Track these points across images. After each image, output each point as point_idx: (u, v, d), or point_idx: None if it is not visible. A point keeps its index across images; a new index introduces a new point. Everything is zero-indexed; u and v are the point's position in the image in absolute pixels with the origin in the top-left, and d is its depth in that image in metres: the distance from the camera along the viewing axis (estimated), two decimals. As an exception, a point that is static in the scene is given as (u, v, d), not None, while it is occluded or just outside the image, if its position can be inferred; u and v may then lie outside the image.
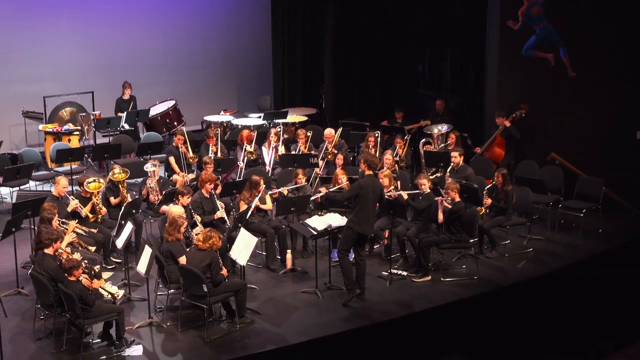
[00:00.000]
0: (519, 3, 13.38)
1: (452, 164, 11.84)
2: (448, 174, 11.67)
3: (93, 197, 10.78)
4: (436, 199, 10.37)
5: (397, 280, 10.26)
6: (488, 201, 10.90)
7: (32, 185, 13.39)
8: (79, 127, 14.73)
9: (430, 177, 11.11)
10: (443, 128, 13.82)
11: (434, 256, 10.54)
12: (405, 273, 10.41)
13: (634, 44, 12.69)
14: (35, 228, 9.94)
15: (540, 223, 12.04)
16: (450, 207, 10.23)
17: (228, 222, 10.51)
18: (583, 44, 13.07)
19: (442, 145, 13.22)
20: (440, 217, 10.29)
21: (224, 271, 9.13)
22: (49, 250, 8.76)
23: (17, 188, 12.97)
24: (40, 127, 15.03)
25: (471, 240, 10.46)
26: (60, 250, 8.87)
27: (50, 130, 14.65)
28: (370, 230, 9.80)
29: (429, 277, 10.27)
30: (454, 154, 11.93)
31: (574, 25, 13.14)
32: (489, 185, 11.15)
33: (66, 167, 13.38)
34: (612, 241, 11.59)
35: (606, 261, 11.19)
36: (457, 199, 10.29)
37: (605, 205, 11.95)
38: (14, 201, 11.37)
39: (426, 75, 17.22)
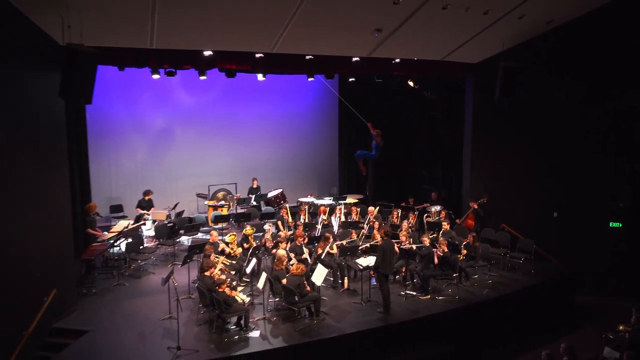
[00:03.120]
0: (485, 137, 13.49)
1: (443, 229, 11.80)
2: (440, 235, 11.62)
3: (231, 244, 10.94)
4: (433, 249, 10.41)
5: (410, 297, 10.24)
6: (464, 252, 10.88)
7: (199, 235, 13.51)
8: (228, 203, 14.86)
9: (430, 237, 11.13)
10: (437, 208, 13.87)
11: (432, 284, 10.51)
12: (414, 293, 10.40)
13: (552, 148, 12.76)
14: (200, 260, 10.13)
15: (496, 266, 11.86)
16: (442, 254, 10.29)
17: (309, 260, 10.52)
18: (518, 152, 13.16)
19: (437, 218, 13.16)
20: (436, 260, 10.31)
21: (308, 288, 9.24)
22: (207, 273, 9.01)
23: (191, 237, 13.36)
24: (206, 202, 15.23)
25: (454, 275, 10.39)
26: (214, 273, 9.11)
27: (211, 204, 14.84)
28: (390, 270, 9.85)
29: (429, 296, 10.25)
30: (444, 223, 11.94)
31: (502, 141, 13.28)
32: (465, 242, 11.11)
33: (219, 225, 13.66)
34: (539, 277, 11.42)
35: (536, 289, 11.08)
36: (446, 249, 10.35)
37: (535, 256, 11.83)
38: (189, 244, 11.53)
39: (427, 177, 17.14)
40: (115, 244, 11.45)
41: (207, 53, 10.97)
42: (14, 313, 7.82)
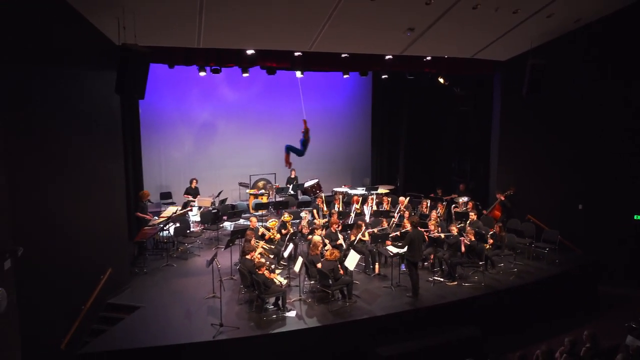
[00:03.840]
0: (512, 131, 13.26)
1: (470, 219, 11.71)
2: (468, 225, 11.54)
3: (272, 229, 11.04)
4: (460, 238, 10.30)
5: (437, 284, 10.17)
6: (491, 241, 10.71)
7: (241, 221, 13.54)
8: (267, 192, 14.91)
9: (457, 226, 11.00)
10: (465, 199, 13.72)
11: (459, 271, 10.41)
12: (442, 279, 10.33)
13: (577, 143, 12.42)
14: (242, 244, 10.22)
15: (521, 255, 11.66)
16: (469, 243, 10.19)
17: (344, 245, 10.53)
18: (545, 147, 12.86)
19: (464, 208, 13.01)
20: (463, 248, 10.20)
21: (341, 272, 9.26)
22: (248, 256, 9.08)
23: (234, 222, 13.47)
24: (247, 191, 15.33)
25: (480, 263, 10.27)
26: (254, 256, 9.16)
27: (252, 193, 14.92)
28: (419, 258, 9.78)
29: (456, 282, 10.16)
30: (471, 213, 11.82)
31: (529, 134, 12.97)
32: (491, 232, 10.94)
33: (260, 212, 13.73)
34: (563, 267, 11.17)
35: (560, 278, 10.85)
36: (473, 238, 10.28)
37: (560, 247, 11.59)
38: (232, 229, 11.59)
39: (456, 169, 16.93)
40: (165, 228, 11.68)
41: (250, 52, 11.05)
42: (75, 289, 8.09)
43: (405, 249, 9.74)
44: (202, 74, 12.17)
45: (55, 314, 7.33)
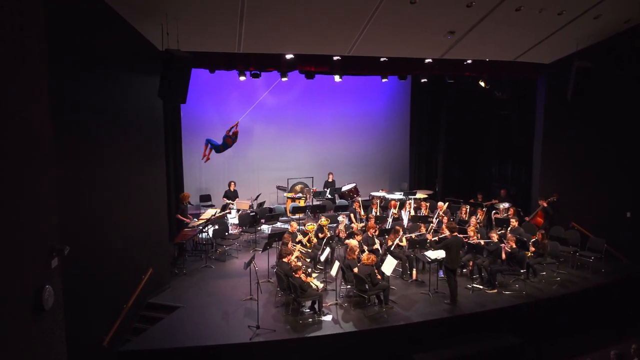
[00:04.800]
0: (556, 136, 12.93)
1: (511, 226, 11.47)
2: (509, 231, 11.30)
3: (310, 232, 11.09)
4: (501, 245, 10.10)
5: (477, 291, 10.01)
6: (532, 249, 10.44)
7: (278, 224, 13.70)
8: (305, 196, 14.97)
9: (498, 233, 10.81)
10: (506, 205, 13.42)
11: (499, 279, 10.21)
12: (481, 287, 10.16)
13: (625, 148, 11.96)
14: (279, 247, 10.21)
15: (565, 264, 11.34)
16: (509, 250, 9.98)
17: (381, 251, 10.48)
18: (590, 151, 12.45)
19: (505, 215, 12.76)
20: (503, 255, 9.99)
21: (378, 277, 9.21)
22: (285, 259, 9.15)
23: (271, 226, 13.61)
24: (285, 194, 15.35)
25: (522, 271, 10.03)
26: (291, 260, 9.21)
27: (290, 196, 14.96)
28: (457, 265, 9.62)
29: (496, 290, 9.98)
30: (512, 220, 11.58)
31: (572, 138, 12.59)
32: (533, 240, 10.64)
33: (297, 216, 13.81)
34: (610, 277, 10.81)
35: (606, 289, 10.49)
36: (514, 245, 10.05)
37: (606, 255, 11.18)
38: (269, 232, 11.81)
39: (496, 174, 16.62)
40: (204, 230, 11.86)
41: (289, 56, 11.13)
42: (118, 288, 8.30)
43: (442, 253, 9.60)
44: (242, 78, 12.33)
45: (99, 312, 7.54)
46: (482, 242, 10.40)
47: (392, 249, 10.40)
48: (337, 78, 13.16)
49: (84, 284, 6.82)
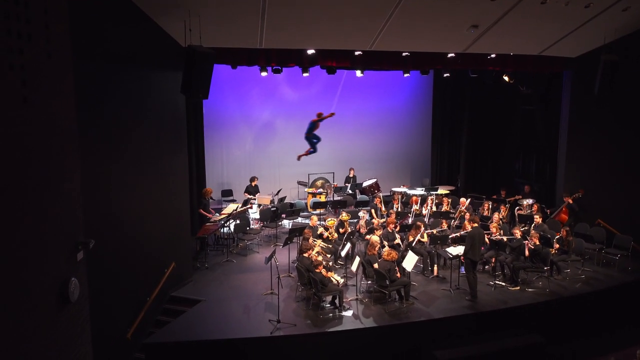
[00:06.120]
0: (582, 131, 12.69)
1: (534, 222, 11.26)
2: (532, 228, 11.10)
3: (330, 227, 11.06)
4: (524, 242, 9.98)
5: (499, 288, 9.89)
6: (556, 246, 10.30)
7: (299, 219, 13.75)
8: (326, 191, 14.99)
9: (521, 229, 10.67)
10: (529, 201, 13.23)
11: (522, 276, 10.09)
12: (503, 284, 10.04)
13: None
14: (300, 242, 10.29)
15: (590, 261, 11.12)
16: (533, 247, 9.85)
17: (402, 246, 10.43)
18: (617, 147, 12.14)
19: (529, 211, 12.56)
20: (527, 252, 9.87)
21: (398, 274, 9.17)
22: (306, 254, 9.17)
23: (292, 221, 13.66)
24: (306, 189, 15.48)
25: (545, 268, 9.90)
26: (312, 255, 9.23)
27: (311, 192, 15.05)
28: (479, 258, 9.56)
29: (518, 287, 9.85)
30: (536, 216, 11.37)
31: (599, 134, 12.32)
32: (558, 237, 10.48)
33: (318, 211, 13.67)
34: (636, 275, 10.56)
35: (633, 287, 10.27)
36: (537, 242, 9.92)
37: (633, 253, 10.96)
38: (290, 227, 11.82)
39: (519, 170, 16.41)
40: (226, 225, 11.96)
41: (310, 52, 11.12)
42: (141, 281, 8.44)
43: (465, 248, 9.56)
44: (264, 74, 12.37)
45: (122, 305, 7.68)
46: (504, 238, 10.28)
47: (413, 244, 10.35)
48: (358, 73, 13.10)
49: (108, 278, 6.94)
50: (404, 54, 11.64)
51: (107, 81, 7.02)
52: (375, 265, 9.13)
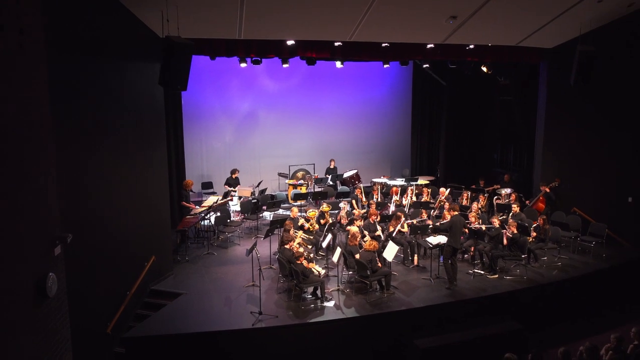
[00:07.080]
0: (558, 122, 12.84)
1: (512, 211, 11.43)
2: (510, 217, 11.28)
3: (311, 219, 11.04)
4: (502, 230, 10.11)
5: (478, 276, 10.03)
6: (534, 234, 10.46)
7: (280, 211, 13.71)
8: (306, 182, 14.97)
9: (499, 218, 10.81)
10: (507, 190, 13.41)
11: (500, 264, 10.23)
12: (482, 272, 10.18)
13: (627, 133, 11.90)
14: (281, 233, 10.23)
15: (566, 249, 11.34)
16: (511, 236, 9.99)
17: (382, 236, 10.48)
18: (591, 137, 12.41)
19: (507, 200, 12.73)
20: (505, 241, 10.02)
21: (379, 264, 9.23)
22: (287, 246, 9.17)
23: (273, 212, 13.57)
24: (286, 181, 15.43)
25: (523, 256, 10.04)
26: (293, 246, 9.22)
27: (292, 183, 15.02)
28: (459, 245, 9.70)
29: (497, 276, 10.00)
30: (514, 205, 11.54)
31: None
32: (535, 225, 10.64)
33: (298, 202, 13.75)
34: (611, 261, 10.82)
35: (607, 273, 10.53)
36: (515, 231, 10.06)
37: (608, 240, 11.22)
38: (271, 219, 11.74)
39: (498, 160, 16.62)
40: (206, 217, 11.89)
41: (290, 42, 11.04)
42: (121, 275, 8.35)
43: (444, 238, 9.69)
44: (243, 65, 12.27)
45: (102, 299, 7.60)
46: (483, 227, 10.40)
47: (393, 235, 10.40)
48: (338, 64, 13.07)
49: (87, 272, 6.86)
50: (383, 45, 11.65)
51: (83, 73, 6.90)
52: (357, 256, 9.18)
